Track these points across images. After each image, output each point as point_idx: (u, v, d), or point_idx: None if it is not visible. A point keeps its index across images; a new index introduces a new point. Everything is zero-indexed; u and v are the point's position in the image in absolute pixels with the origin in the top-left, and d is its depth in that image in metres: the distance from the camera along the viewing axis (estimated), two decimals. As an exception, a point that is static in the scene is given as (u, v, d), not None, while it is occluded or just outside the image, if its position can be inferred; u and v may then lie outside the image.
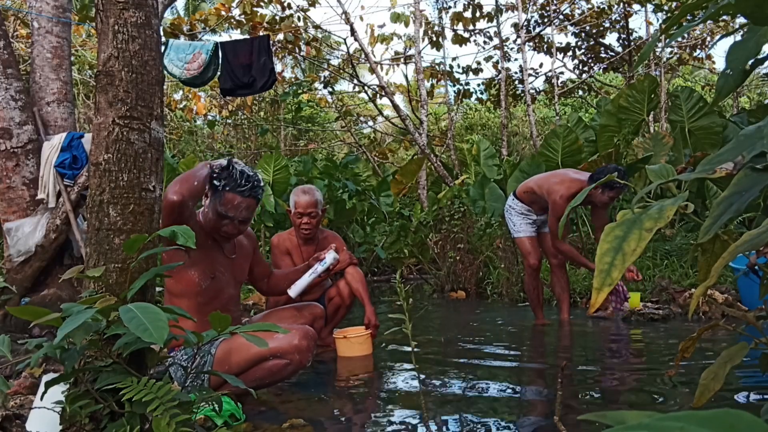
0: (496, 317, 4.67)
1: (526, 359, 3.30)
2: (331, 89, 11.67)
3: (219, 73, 6.41)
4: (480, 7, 11.13)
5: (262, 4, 9.22)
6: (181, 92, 12.39)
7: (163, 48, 6.14)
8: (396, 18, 9.86)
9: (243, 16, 9.16)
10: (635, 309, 4.18)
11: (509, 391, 2.54)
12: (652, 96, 6.96)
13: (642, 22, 13.65)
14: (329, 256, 2.89)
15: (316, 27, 10.68)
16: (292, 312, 2.79)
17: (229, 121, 14.56)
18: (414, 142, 9.76)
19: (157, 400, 1.42)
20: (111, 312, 1.48)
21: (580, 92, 14.16)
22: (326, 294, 3.58)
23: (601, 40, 12.65)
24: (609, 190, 3.77)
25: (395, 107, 9.74)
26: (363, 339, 3.25)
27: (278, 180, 8.03)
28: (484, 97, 13.44)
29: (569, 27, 12.43)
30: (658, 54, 11.50)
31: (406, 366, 3.02)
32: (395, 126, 14.29)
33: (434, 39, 11.61)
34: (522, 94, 12.40)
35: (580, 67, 13.19)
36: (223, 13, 9.17)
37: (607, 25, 12.34)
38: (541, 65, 43.33)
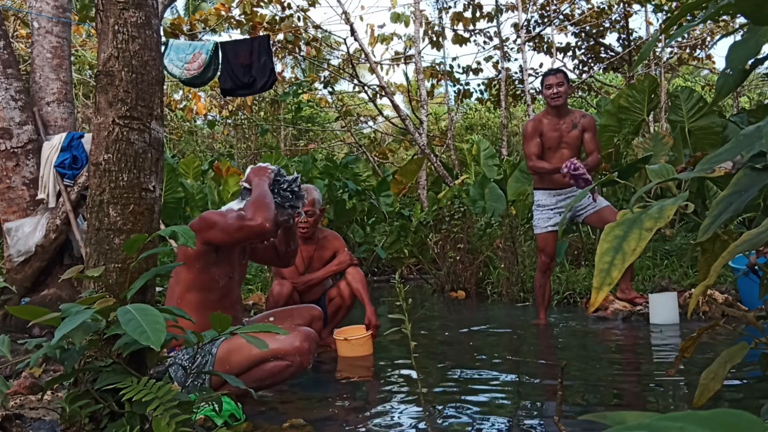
0: (496, 317, 4.67)
1: (526, 359, 3.30)
2: (331, 89, 11.66)
3: (219, 73, 6.41)
4: (480, 7, 11.13)
5: (262, 4, 9.22)
6: (181, 92, 12.39)
7: (163, 48, 6.14)
8: (396, 18, 9.86)
9: (243, 16, 9.15)
10: (635, 309, 4.18)
11: (509, 391, 2.54)
12: (652, 96, 6.95)
13: (642, 22, 13.65)
14: None
15: (316, 27, 10.68)
16: (290, 313, 2.79)
17: (229, 121, 14.56)
18: (414, 142, 9.76)
19: (157, 400, 1.42)
20: (110, 312, 1.48)
21: (580, 92, 14.15)
22: (327, 294, 3.58)
23: (601, 40, 12.64)
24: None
25: (395, 107, 9.74)
26: (364, 340, 3.25)
27: (278, 180, 8.00)
28: (484, 97, 13.43)
29: (569, 27, 12.42)
30: (658, 54, 11.49)
31: (406, 366, 3.02)
32: (395, 126, 14.29)
33: (434, 39, 11.61)
34: (522, 94, 12.40)
35: (580, 67, 13.19)
36: (223, 13, 9.17)
37: (607, 25, 12.33)
38: (541, 65, 43.10)
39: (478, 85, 16.18)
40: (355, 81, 10.75)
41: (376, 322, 3.30)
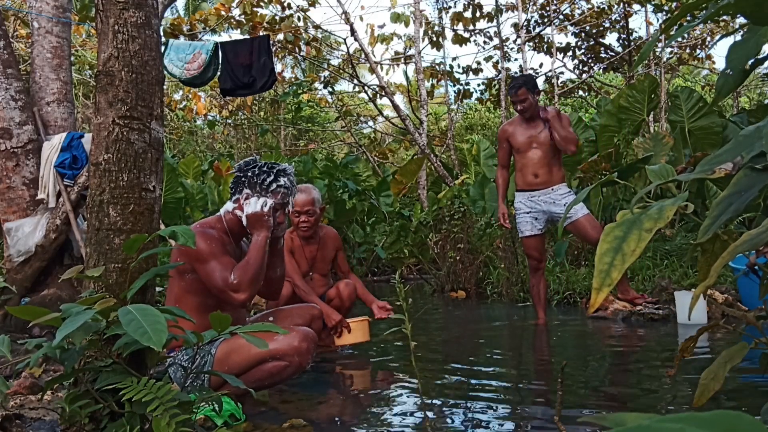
0: (495, 317, 4.67)
1: (526, 359, 3.30)
2: (331, 89, 11.66)
3: (219, 73, 6.41)
4: (480, 7, 11.13)
5: (262, 4, 9.22)
6: (181, 92, 12.39)
7: (163, 48, 6.14)
8: (396, 18, 9.86)
9: (243, 16, 9.16)
10: (635, 308, 4.18)
11: (509, 391, 2.54)
12: (652, 96, 6.95)
13: (642, 22, 13.65)
14: None
15: (316, 27, 10.68)
16: (290, 313, 2.78)
17: (229, 121, 14.57)
18: (414, 142, 9.76)
19: (157, 400, 1.42)
20: (110, 312, 1.48)
21: (580, 92, 14.14)
22: (326, 295, 3.58)
23: (601, 40, 12.64)
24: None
25: (395, 107, 9.74)
26: (359, 324, 3.25)
27: (278, 180, 8.00)
28: (484, 97, 13.42)
29: (569, 27, 12.42)
30: (658, 54, 11.49)
31: (406, 366, 3.02)
32: (395, 126, 14.29)
33: (434, 39, 11.61)
34: (522, 94, 12.35)
35: (580, 67, 13.18)
36: (223, 13, 9.17)
37: (607, 25, 12.33)
38: (541, 65, 43.16)
39: (478, 85, 16.19)
40: (355, 81, 10.75)
41: (387, 306, 3.39)
